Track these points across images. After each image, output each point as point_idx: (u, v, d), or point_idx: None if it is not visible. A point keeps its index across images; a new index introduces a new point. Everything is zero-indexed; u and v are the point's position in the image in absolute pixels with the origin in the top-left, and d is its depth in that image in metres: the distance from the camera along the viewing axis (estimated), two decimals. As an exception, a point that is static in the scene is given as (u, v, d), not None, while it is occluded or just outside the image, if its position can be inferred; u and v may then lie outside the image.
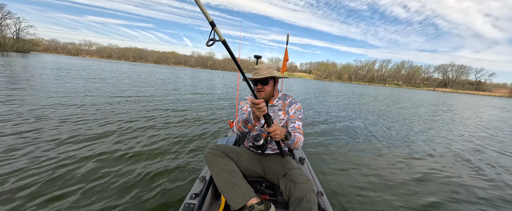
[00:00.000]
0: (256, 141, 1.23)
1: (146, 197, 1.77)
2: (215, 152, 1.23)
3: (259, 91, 1.39)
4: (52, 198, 1.67)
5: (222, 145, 1.31)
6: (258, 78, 1.33)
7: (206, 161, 1.21)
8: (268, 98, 1.42)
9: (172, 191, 1.88)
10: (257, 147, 1.33)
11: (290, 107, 1.43)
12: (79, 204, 1.62)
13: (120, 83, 9.89)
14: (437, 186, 2.45)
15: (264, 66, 1.36)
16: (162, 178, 2.08)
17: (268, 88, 1.39)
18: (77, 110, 4.24)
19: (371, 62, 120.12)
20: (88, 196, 1.72)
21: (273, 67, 1.38)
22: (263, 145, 1.25)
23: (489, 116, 9.97)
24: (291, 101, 1.45)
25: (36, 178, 1.88)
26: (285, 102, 1.45)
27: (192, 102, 6.74)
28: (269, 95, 1.41)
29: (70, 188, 1.81)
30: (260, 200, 1.15)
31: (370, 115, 7.40)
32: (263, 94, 1.39)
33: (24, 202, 1.59)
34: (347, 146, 3.68)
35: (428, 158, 3.40)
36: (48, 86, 6.78)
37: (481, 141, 4.80)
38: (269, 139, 1.41)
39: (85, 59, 79.08)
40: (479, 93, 78.40)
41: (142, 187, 1.90)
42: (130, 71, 20.87)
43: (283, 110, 1.42)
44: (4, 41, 59.37)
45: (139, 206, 1.66)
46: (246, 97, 1.54)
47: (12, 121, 3.26)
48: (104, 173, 2.05)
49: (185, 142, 3.08)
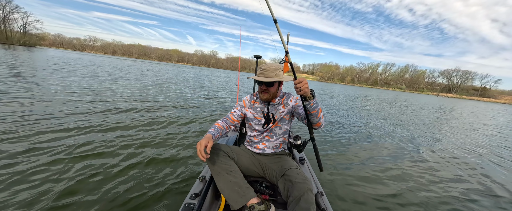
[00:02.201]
0: (296, 140, 1.34)
1: (146, 197, 1.76)
2: (215, 152, 1.22)
3: (263, 92, 1.35)
4: (46, 198, 1.66)
5: (222, 145, 1.31)
6: (264, 81, 1.28)
7: (207, 160, 1.20)
8: (271, 99, 1.40)
9: (172, 191, 1.87)
10: (295, 146, 1.36)
11: (288, 99, 1.43)
12: (78, 204, 1.60)
13: (121, 79, 9.95)
14: (440, 189, 2.42)
15: (270, 67, 1.30)
16: (161, 177, 2.07)
17: (272, 89, 1.35)
18: (82, 105, 4.28)
19: (375, 65, 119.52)
20: (87, 195, 1.70)
21: (280, 68, 1.32)
22: (301, 145, 1.35)
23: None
24: (288, 95, 1.46)
25: (29, 174, 1.90)
26: (283, 98, 1.46)
27: (192, 101, 6.73)
28: (273, 96, 1.38)
29: (69, 188, 1.80)
30: (260, 200, 1.14)
31: (372, 117, 7.33)
32: (266, 95, 1.36)
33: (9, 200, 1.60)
34: (347, 147, 3.65)
35: (433, 163, 3.36)
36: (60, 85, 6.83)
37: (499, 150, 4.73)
38: (269, 138, 1.42)
39: (90, 54, 79.82)
40: (484, 99, 77.42)
41: (142, 187, 1.88)
42: (135, 67, 21.00)
43: (282, 104, 1.42)
44: (11, 34, 60.15)
45: (138, 206, 1.65)
46: (244, 97, 1.54)
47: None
48: (102, 173, 2.03)
49: (184, 141, 3.07)
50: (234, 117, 1.46)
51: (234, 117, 1.46)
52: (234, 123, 1.47)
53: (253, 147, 1.46)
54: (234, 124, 1.47)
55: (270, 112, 1.40)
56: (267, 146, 1.43)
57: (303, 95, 1.15)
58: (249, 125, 1.48)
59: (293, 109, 1.41)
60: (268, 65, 1.31)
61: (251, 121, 1.45)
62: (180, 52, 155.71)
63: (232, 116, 1.46)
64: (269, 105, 1.41)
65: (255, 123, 1.44)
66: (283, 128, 1.43)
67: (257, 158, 1.41)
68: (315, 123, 1.27)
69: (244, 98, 1.54)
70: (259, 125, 1.42)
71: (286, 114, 1.40)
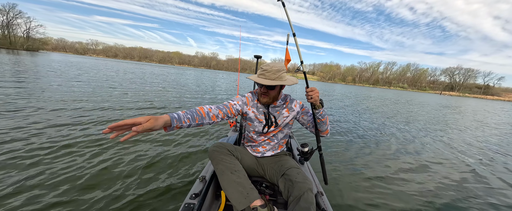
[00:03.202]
0: (303, 147, 1.37)
1: (146, 197, 1.76)
2: (220, 150, 1.19)
3: (263, 94, 1.26)
4: (47, 197, 1.66)
5: (227, 143, 1.27)
6: (265, 84, 1.17)
7: (211, 158, 1.18)
8: (271, 102, 1.31)
9: (172, 191, 1.87)
10: (302, 153, 1.39)
11: (292, 103, 1.36)
12: (78, 204, 1.61)
13: (124, 81, 10.02)
14: (443, 191, 2.39)
15: (272, 68, 1.18)
16: (161, 177, 2.07)
17: (273, 93, 1.25)
18: (82, 105, 4.31)
19: (376, 64, 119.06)
20: (87, 195, 1.71)
21: (283, 70, 1.20)
22: (308, 152, 1.38)
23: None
24: (291, 99, 1.38)
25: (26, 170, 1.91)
26: (286, 101, 1.37)
27: (192, 101, 6.76)
28: (273, 100, 1.29)
29: (66, 186, 1.81)
30: (264, 203, 1.11)
31: (374, 117, 7.27)
32: (266, 99, 1.27)
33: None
34: (347, 147, 3.63)
35: (436, 164, 3.32)
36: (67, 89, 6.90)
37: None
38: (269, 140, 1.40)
39: (92, 58, 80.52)
40: (487, 97, 76.65)
41: (142, 187, 1.89)
42: (137, 70, 21.14)
43: (286, 107, 1.34)
44: (15, 39, 61.08)
45: (139, 206, 1.65)
46: (247, 93, 1.39)
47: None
48: (102, 173, 2.04)
49: (184, 141, 3.08)
50: (234, 109, 1.23)
51: (234, 109, 1.23)
52: (231, 115, 1.20)
53: (253, 149, 1.42)
54: (229, 116, 1.20)
55: (271, 114, 1.32)
56: (267, 150, 1.40)
57: (313, 103, 1.20)
58: (249, 125, 1.37)
59: (298, 114, 1.36)
60: (269, 65, 1.20)
61: (252, 121, 1.34)
62: (181, 54, 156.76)
63: (231, 108, 1.21)
64: (269, 107, 1.33)
65: (256, 124, 1.34)
66: (285, 132, 1.40)
67: (257, 158, 1.40)
68: (323, 131, 1.32)
69: (246, 94, 1.38)
70: (260, 127, 1.33)
71: (290, 120, 1.36)
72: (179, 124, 0.90)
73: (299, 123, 1.41)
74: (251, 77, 1.29)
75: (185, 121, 0.93)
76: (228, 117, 1.19)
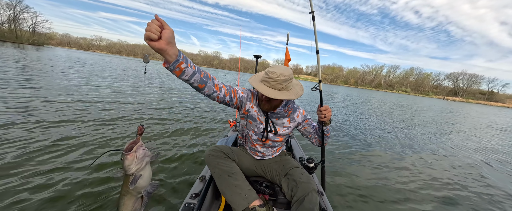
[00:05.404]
0: (309, 162, 1.38)
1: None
2: (216, 154, 1.19)
3: (264, 101, 1.16)
4: (47, 198, 1.66)
5: (222, 146, 1.27)
6: (266, 95, 1.04)
7: (207, 163, 1.19)
8: (272, 110, 1.23)
9: (172, 191, 1.88)
10: (307, 168, 1.39)
11: (294, 113, 1.27)
12: (77, 203, 1.60)
13: (123, 80, 10.08)
14: (443, 194, 2.38)
15: (279, 78, 1.03)
16: (161, 177, 2.07)
17: (276, 101, 1.17)
18: (83, 105, 4.36)
19: (379, 67, 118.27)
20: (87, 195, 1.70)
21: (290, 79, 1.07)
22: (313, 168, 1.39)
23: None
24: (293, 106, 1.28)
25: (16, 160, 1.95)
26: (287, 108, 1.26)
27: (192, 100, 6.77)
28: (274, 108, 1.21)
29: (66, 186, 1.80)
30: (263, 202, 1.12)
31: (374, 119, 7.24)
32: (266, 106, 1.18)
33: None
34: (347, 147, 3.63)
35: (436, 165, 3.31)
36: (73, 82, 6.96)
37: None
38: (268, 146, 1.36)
39: (96, 54, 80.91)
40: (491, 103, 75.71)
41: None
42: (140, 68, 21.21)
43: (288, 117, 1.26)
44: (21, 34, 61.67)
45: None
46: (252, 89, 1.32)
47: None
48: (101, 173, 2.03)
49: (184, 141, 3.09)
50: (238, 95, 1.14)
51: (238, 95, 1.14)
52: (233, 97, 1.11)
53: (252, 152, 1.38)
54: (231, 98, 1.10)
55: (270, 119, 1.25)
56: (267, 154, 1.37)
57: (324, 121, 1.23)
58: (250, 123, 1.28)
59: (300, 126, 1.31)
60: (276, 73, 1.03)
61: (254, 119, 1.25)
62: (184, 52, 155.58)
63: (235, 92, 1.12)
64: (268, 113, 1.24)
65: (256, 124, 1.27)
66: (284, 138, 1.34)
67: (257, 159, 1.40)
68: (325, 143, 1.36)
69: (252, 90, 1.30)
70: (260, 128, 1.26)
71: (291, 130, 1.30)
72: (184, 65, 0.83)
73: (299, 132, 1.37)
74: (252, 83, 1.13)
75: (191, 65, 0.87)
76: (229, 99, 1.09)
